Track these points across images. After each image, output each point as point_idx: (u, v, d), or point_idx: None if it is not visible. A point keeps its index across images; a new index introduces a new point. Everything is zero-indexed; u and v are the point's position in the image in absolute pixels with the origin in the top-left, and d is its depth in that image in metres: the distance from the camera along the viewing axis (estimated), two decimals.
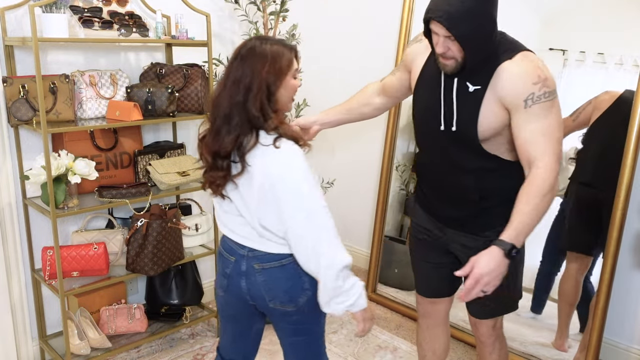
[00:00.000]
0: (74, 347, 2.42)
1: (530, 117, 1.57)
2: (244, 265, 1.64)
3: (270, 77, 1.48)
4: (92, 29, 2.29)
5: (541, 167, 1.56)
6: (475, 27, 1.54)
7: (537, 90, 1.56)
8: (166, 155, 2.67)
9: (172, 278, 2.83)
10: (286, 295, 1.62)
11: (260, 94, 1.47)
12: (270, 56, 1.49)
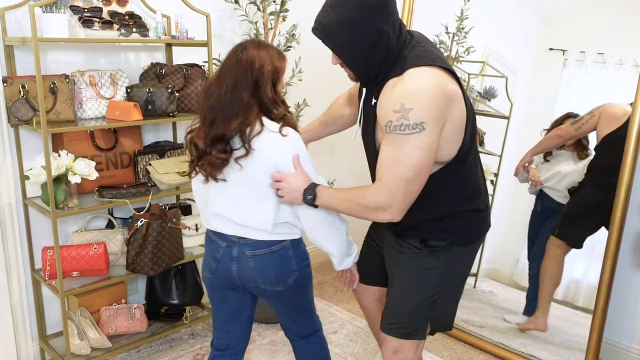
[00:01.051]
0: (74, 347, 2.42)
1: (387, 141, 1.53)
2: (235, 250, 1.76)
3: (274, 73, 1.65)
4: (92, 29, 2.29)
5: (374, 187, 1.56)
6: (353, 38, 1.49)
7: (395, 120, 1.47)
8: (166, 155, 2.67)
9: (172, 278, 2.83)
10: (276, 278, 1.77)
11: (270, 84, 1.63)
12: (270, 56, 1.65)
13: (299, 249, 1.81)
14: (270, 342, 2.85)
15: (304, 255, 1.84)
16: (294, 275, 1.79)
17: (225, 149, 1.63)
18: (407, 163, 1.48)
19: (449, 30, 2.93)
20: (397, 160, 1.49)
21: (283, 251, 1.76)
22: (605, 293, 2.38)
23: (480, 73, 2.93)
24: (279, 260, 1.76)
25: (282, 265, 1.76)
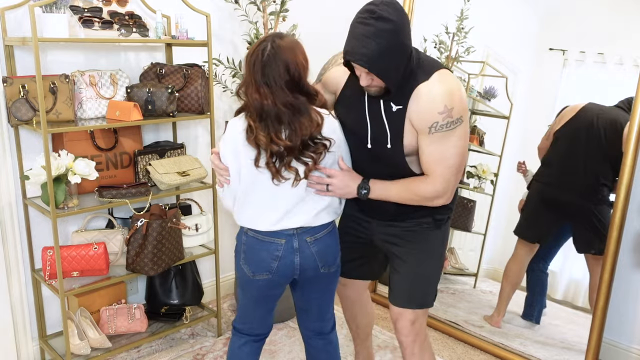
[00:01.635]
0: (74, 347, 2.42)
1: (432, 143, 1.71)
2: (295, 242, 1.81)
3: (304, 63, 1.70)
4: (92, 29, 2.29)
5: (430, 180, 1.76)
6: (392, 60, 1.64)
7: (441, 120, 1.67)
8: (166, 155, 2.67)
9: (172, 278, 2.83)
10: (334, 257, 1.90)
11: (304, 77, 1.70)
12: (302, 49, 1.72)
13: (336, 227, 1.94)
14: (270, 342, 2.85)
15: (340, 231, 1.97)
16: (339, 253, 1.93)
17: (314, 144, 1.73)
18: (455, 153, 1.72)
19: (449, 30, 2.93)
20: (446, 153, 1.71)
21: (334, 231, 1.91)
22: (605, 293, 2.38)
23: (480, 73, 2.93)
24: (334, 240, 1.90)
25: (336, 244, 1.91)
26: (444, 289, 3.15)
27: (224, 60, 2.92)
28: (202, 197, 3.00)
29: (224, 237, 3.28)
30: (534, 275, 2.77)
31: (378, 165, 1.83)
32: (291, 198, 1.78)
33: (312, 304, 2.00)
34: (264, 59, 1.65)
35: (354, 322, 2.33)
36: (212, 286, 3.22)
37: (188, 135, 2.97)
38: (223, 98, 3.09)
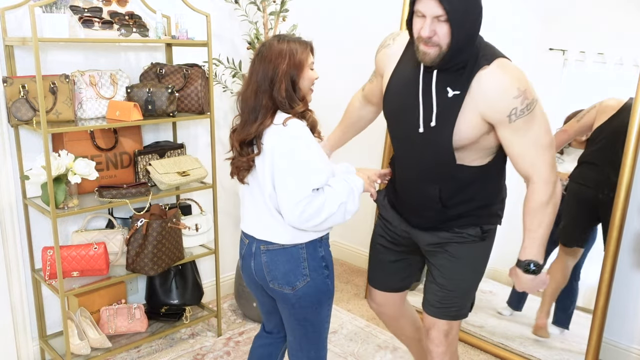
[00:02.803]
0: (74, 347, 2.42)
1: (517, 131, 1.59)
2: (253, 246, 1.79)
3: (292, 70, 1.67)
4: (92, 29, 2.29)
5: (536, 181, 1.62)
6: (468, 19, 1.53)
7: (519, 104, 1.56)
8: (166, 155, 2.67)
9: (172, 278, 2.83)
10: (284, 277, 1.73)
11: (285, 84, 1.65)
12: (288, 53, 1.67)
13: (315, 253, 1.75)
14: None
15: (322, 262, 1.76)
16: (304, 280, 1.73)
17: (248, 151, 1.71)
18: (544, 131, 1.60)
19: None
20: (537, 134, 1.59)
21: (295, 250, 1.72)
22: (605, 293, 2.38)
23: None
24: (289, 258, 1.72)
25: (293, 264, 1.72)
26: None
27: (224, 60, 2.92)
28: (202, 197, 3.00)
29: (224, 237, 3.28)
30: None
31: (426, 156, 1.71)
32: (248, 202, 1.79)
33: (287, 331, 1.88)
34: (254, 59, 1.72)
35: (403, 335, 2.20)
36: (212, 286, 3.22)
37: (188, 135, 2.97)
38: (223, 98, 3.09)
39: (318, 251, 1.75)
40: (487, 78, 1.57)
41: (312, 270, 1.73)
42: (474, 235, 1.80)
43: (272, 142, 1.65)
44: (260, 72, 1.67)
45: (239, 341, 2.85)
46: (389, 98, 1.78)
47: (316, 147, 1.68)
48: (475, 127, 1.61)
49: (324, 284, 1.76)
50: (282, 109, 1.67)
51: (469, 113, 1.60)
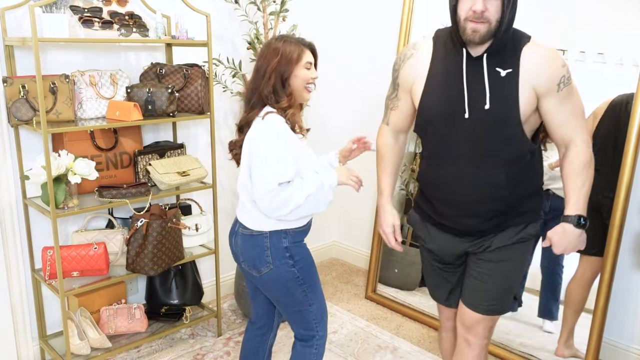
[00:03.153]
0: (74, 347, 2.42)
1: (562, 100, 1.67)
2: (237, 226, 1.96)
3: (281, 67, 1.81)
4: (92, 29, 2.29)
5: (579, 144, 1.71)
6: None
7: (566, 73, 1.66)
8: (166, 155, 2.67)
9: (172, 278, 2.83)
10: (251, 261, 1.90)
11: (274, 80, 1.81)
12: (281, 51, 1.81)
13: (279, 243, 1.87)
14: None
15: (285, 253, 1.87)
16: (267, 267, 1.87)
17: (240, 137, 1.89)
18: (579, 97, 1.72)
19: None
20: (577, 103, 1.71)
21: (260, 238, 1.87)
22: (605, 293, 2.38)
23: None
24: (254, 245, 1.88)
25: (257, 251, 1.88)
26: None
27: (224, 60, 2.92)
28: (202, 197, 3.00)
29: (224, 237, 3.28)
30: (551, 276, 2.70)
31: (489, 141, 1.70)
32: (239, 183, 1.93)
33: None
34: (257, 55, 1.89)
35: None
36: (212, 286, 3.22)
37: (188, 135, 2.97)
38: (223, 98, 3.09)
39: (282, 242, 1.87)
40: (535, 52, 1.65)
41: (274, 259, 1.87)
42: (529, 237, 1.83)
43: (251, 133, 1.82)
44: (256, 67, 1.85)
45: (239, 341, 2.85)
46: (431, 98, 1.75)
47: (290, 142, 1.80)
48: (530, 102, 1.67)
49: (288, 272, 1.88)
50: (268, 103, 1.82)
51: (523, 88, 1.66)
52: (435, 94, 1.74)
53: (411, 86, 1.81)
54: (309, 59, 1.87)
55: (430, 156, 1.85)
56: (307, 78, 1.86)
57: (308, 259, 1.94)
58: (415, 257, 3.23)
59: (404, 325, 3.06)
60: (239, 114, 3.19)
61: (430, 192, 1.88)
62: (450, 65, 1.71)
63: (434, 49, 1.76)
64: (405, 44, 3.11)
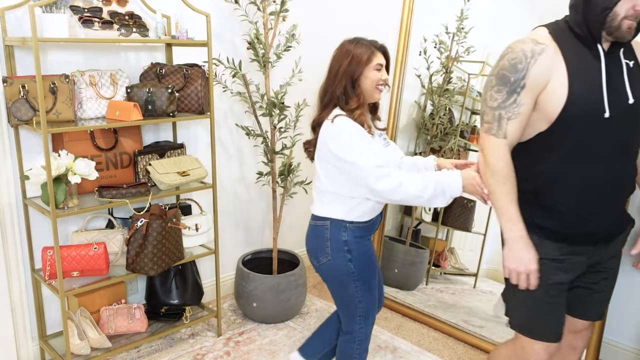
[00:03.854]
0: (74, 347, 2.42)
1: None
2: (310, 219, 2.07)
3: (351, 68, 1.89)
4: (92, 29, 2.29)
5: None
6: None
7: None
8: (166, 155, 2.67)
9: (172, 278, 2.83)
10: (312, 250, 2.02)
11: (344, 81, 1.90)
12: (352, 53, 1.90)
13: (338, 236, 1.94)
14: (270, 342, 2.85)
15: (344, 246, 1.94)
16: (325, 257, 1.97)
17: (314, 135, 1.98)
18: None
19: (449, 30, 2.93)
20: None
21: (322, 229, 1.97)
22: None
23: (480, 73, 2.93)
24: (316, 235, 1.99)
25: (318, 241, 1.98)
26: (444, 289, 3.15)
27: (224, 60, 2.92)
28: (202, 197, 3.00)
29: (224, 237, 3.28)
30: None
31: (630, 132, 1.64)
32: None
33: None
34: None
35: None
36: (212, 286, 3.22)
37: (188, 135, 2.97)
38: (223, 98, 3.09)
39: (342, 235, 1.94)
40: (636, 43, 1.68)
41: (333, 251, 1.95)
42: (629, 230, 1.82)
43: (322, 135, 1.90)
44: (329, 68, 1.95)
45: (239, 341, 2.86)
46: (577, 96, 1.59)
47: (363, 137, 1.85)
48: None
49: (344, 266, 1.95)
50: (338, 104, 1.91)
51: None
52: (578, 90, 1.59)
53: (545, 85, 1.61)
54: (379, 61, 1.91)
55: (570, 157, 1.63)
56: (376, 79, 1.91)
57: (367, 256, 1.99)
58: (415, 257, 3.23)
59: (404, 325, 3.06)
60: (239, 114, 3.19)
61: (566, 198, 1.66)
62: (585, 61, 1.61)
63: (558, 44, 1.63)
64: (406, 44, 3.10)
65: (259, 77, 3.13)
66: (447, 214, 3.12)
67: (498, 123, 1.65)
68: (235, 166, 3.26)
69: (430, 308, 3.07)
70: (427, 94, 3.12)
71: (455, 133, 3.01)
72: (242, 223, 3.39)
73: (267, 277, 2.94)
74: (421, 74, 3.11)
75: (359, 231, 1.95)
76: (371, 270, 2.01)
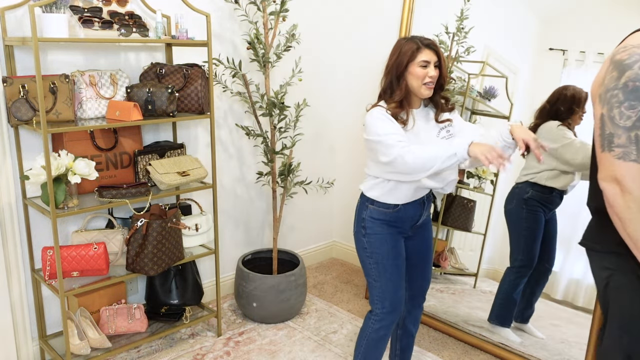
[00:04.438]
0: (74, 347, 2.42)
1: None
2: None
3: (397, 64, 1.97)
4: (92, 29, 2.29)
5: None
6: None
7: None
8: (166, 155, 2.67)
9: (172, 278, 2.83)
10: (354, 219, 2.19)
11: (390, 77, 2.00)
12: (398, 50, 1.98)
13: (361, 211, 2.13)
14: (270, 342, 2.85)
15: (361, 222, 2.12)
16: (359, 225, 2.14)
17: None
18: None
19: (449, 30, 2.93)
20: None
21: (358, 205, 2.17)
22: None
23: (480, 73, 2.93)
24: (357, 205, 2.18)
25: (355, 213, 2.18)
26: (444, 289, 3.15)
27: (224, 60, 2.92)
28: (202, 197, 3.00)
29: (224, 237, 3.28)
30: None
31: None
32: None
33: None
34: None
35: None
36: (212, 286, 3.22)
37: (188, 135, 2.97)
38: (223, 98, 3.09)
39: (363, 211, 2.12)
40: None
41: (355, 223, 2.16)
42: None
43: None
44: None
45: (239, 341, 2.86)
46: None
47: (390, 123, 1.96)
48: None
49: (359, 240, 2.14)
50: (384, 98, 2.02)
51: None
52: None
53: None
54: (425, 58, 1.95)
55: None
56: (422, 76, 1.96)
57: (381, 239, 2.09)
58: None
59: None
60: (239, 114, 3.19)
61: None
62: None
63: None
64: None
65: (259, 77, 3.13)
66: (447, 214, 3.12)
67: (637, 146, 1.39)
68: (235, 166, 3.26)
69: (431, 308, 3.08)
70: None
71: None
72: (242, 223, 3.39)
73: (267, 277, 2.94)
74: None
75: (377, 213, 2.09)
76: (390, 255, 2.10)
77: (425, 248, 2.26)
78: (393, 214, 2.09)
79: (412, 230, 2.18)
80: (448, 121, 2.10)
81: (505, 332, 2.79)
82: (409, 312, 2.34)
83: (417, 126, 2.04)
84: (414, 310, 2.34)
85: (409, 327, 2.37)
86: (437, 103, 2.09)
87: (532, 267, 2.69)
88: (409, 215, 2.12)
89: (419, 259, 2.25)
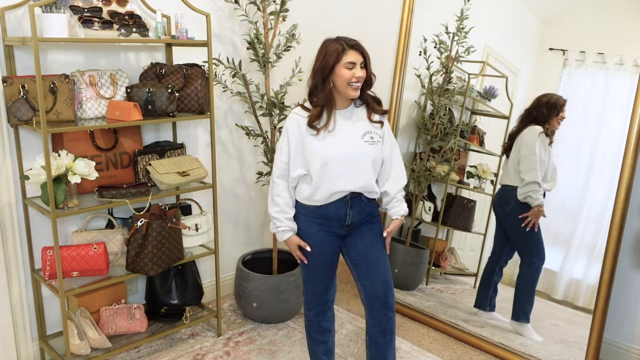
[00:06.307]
0: (74, 347, 2.42)
1: None
2: None
3: (322, 66, 1.98)
4: (92, 29, 2.29)
5: None
6: None
7: None
8: (166, 155, 2.67)
9: (172, 278, 2.83)
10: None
11: (315, 78, 2.01)
12: (324, 51, 1.99)
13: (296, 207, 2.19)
14: (270, 342, 2.85)
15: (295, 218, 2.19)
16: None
17: None
18: None
19: (449, 30, 2.93)
20: None
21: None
22: (605, 293, 2.38)
23: (480, 73, 2.93)
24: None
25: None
26: (444, 289, 3.15)
27: (224, 60, 2.92)
28: (202, 197, 3.00)
29: (223, 237, 3.28)
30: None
31: None
32: None
33: None
34: None
35: None
36: (212, 286, 3.22)
37: (188, 135, 2.97)
38: (223, 98, 3.09)
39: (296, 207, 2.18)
40: None
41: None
42: None
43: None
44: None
45: (239, 341, 2.86)
46: None
47: (292, 136, 2.06)
48: None
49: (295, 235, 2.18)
50: (309, 99, 2.05)
51: None
52: None
53: None
54: (350, 59, 1.95)
55: None
56: (349, 77, 1.96)
57: (306, 236, 2.14)
58: (415, 257, 3.24)
59: (404, 325, 3.06)
60: (239, 114, 3.19)
61: None
62: None
63: None
64: (406, 44, 3.11)
65: (259, 77, 3.13)
66: (447, 214, 3.12)
67: None
68: (235, 166, 3.26)
69: (430, 308, 3.07)
70: (427, 94, 3.12)
71: (455, 133, 3.01)
72: (242, 223, 3.39)
73: (267, 277, 2.94)
74: (421, 74, 3.11)
75: (302, 208, 2.14)
76: (310, 256, 2.15)
77: (364, 247, 2.15)
78: (315, 209, 2.12)
79: (346, 230, 2.15)
80: (379, 123, 2.10)
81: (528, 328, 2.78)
82: (370, 315, 2.18)
83: (339, 127, 2.05)
84: (374, 313, 2.16)
85: (373, 334, 2.20)
86: (367, 102, 2.10)
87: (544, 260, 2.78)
88: (336, 212, 2.10)
89: (359, 257, 2.15)
